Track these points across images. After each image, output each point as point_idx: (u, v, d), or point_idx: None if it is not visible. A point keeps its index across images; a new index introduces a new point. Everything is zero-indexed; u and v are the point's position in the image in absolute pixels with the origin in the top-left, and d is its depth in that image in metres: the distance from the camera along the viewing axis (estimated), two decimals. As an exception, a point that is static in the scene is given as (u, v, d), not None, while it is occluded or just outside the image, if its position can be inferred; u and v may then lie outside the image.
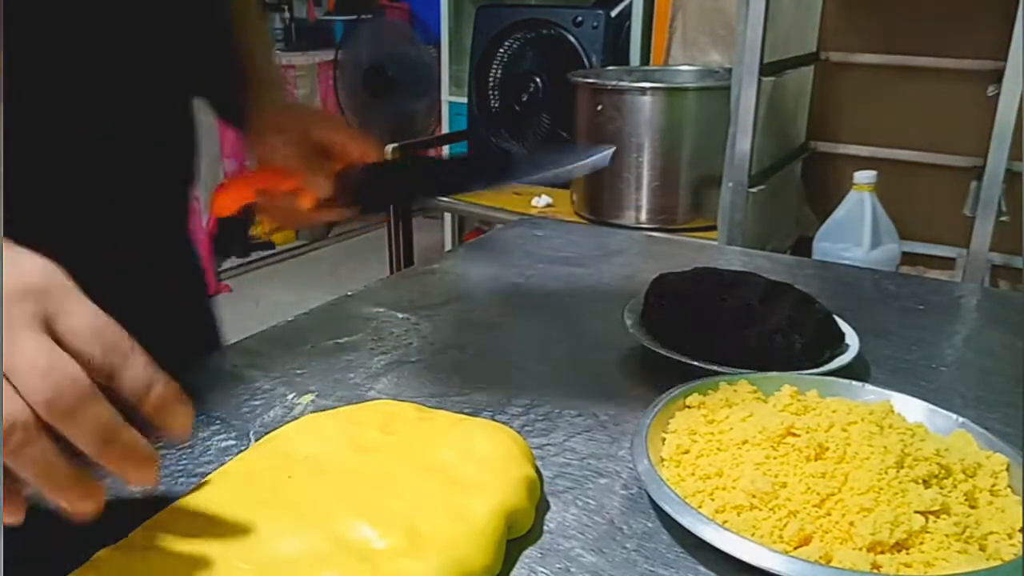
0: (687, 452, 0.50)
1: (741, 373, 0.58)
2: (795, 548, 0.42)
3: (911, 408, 0.53)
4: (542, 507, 0.47)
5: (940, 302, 0.82)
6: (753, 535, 0.42)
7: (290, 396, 0.60)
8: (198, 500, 0.44)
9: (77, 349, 0.34)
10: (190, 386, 0.55)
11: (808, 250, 1.64)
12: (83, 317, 0.34)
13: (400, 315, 0.75)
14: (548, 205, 1.88)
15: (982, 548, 0.42)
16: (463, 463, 0.47)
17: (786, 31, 1.57)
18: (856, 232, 1.53)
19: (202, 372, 0.64)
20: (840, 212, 1.57)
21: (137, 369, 0.35)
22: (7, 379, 0.32)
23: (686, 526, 0.43)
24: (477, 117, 2.15)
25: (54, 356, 0.33)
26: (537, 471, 0.49)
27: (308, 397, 0.59)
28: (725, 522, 0.43)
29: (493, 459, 0.47)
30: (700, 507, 0.45)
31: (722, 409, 0.53)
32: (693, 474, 0.48)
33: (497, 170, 0.68)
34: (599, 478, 0.50)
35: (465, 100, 2.24)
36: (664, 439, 0.51)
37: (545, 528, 0.46)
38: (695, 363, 0.62)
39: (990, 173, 1.36)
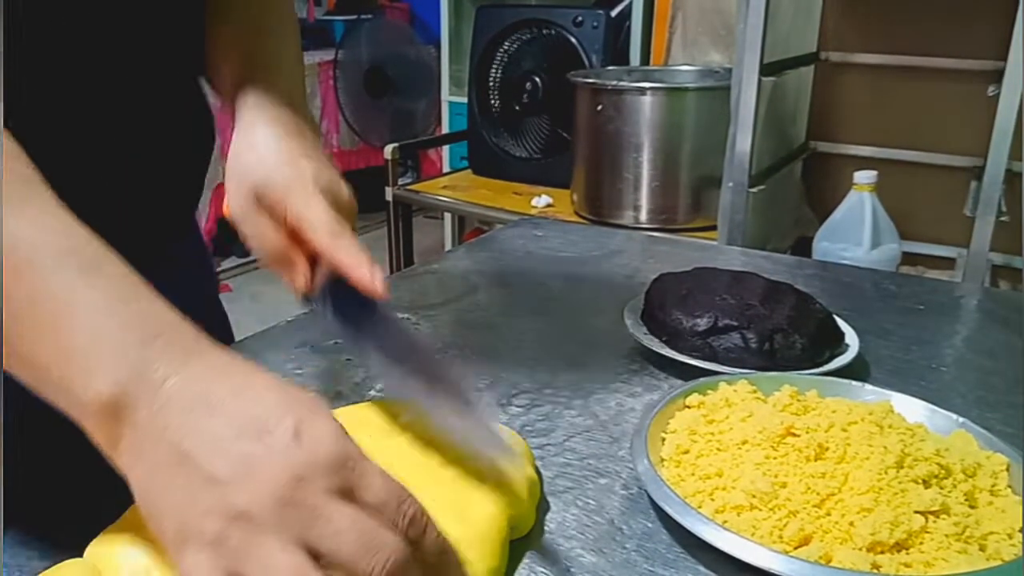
0: (687, 452, 0.50)
1: (741, 373, 0.58)
2: (795, 548, 0.42)
3: (911, 408, 0.53)
4: (542, 507, 0.47)
5: (940, 302, 0.82)
6: (753, 535, 0.42)
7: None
8: None
9: (383, 518, 0.33)
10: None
11: (808, 250, 1.64)
12: (381, 485, 0.34)
13: (400, 315, 0.75)
14: (548, 205, 1.88)
15: (982, 548, 0.42)
16: (464, 465, 0.46)
17: (786, 31, 1.57)
18: (856, 232, 1.53)
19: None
20: (840, 212, 1.57)
21: (432, 536, 0.35)
22: (323, 558, 0.31)
23: (686, 526, 0.43)
24: (477, 117, 2.15)
25: (371, 527, 0.32)
26: (537, 471, 0.49)
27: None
28: (725, 522, 0.43)
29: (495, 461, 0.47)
30: (700, 507, 0.45)
31: (722, 409, 0.53)
32: (693, 474, 0.48)
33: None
34: (599, 478, 0.50)
35: (465, 100, 2.24)
36: (664, 439, 0.51)
37: (545, 528, 0.46)
38: (695, 363, 0.62)
39: (990, 173, 1.36)
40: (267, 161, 0.52)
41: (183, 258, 0.69)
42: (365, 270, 0.46)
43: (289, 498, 0.31)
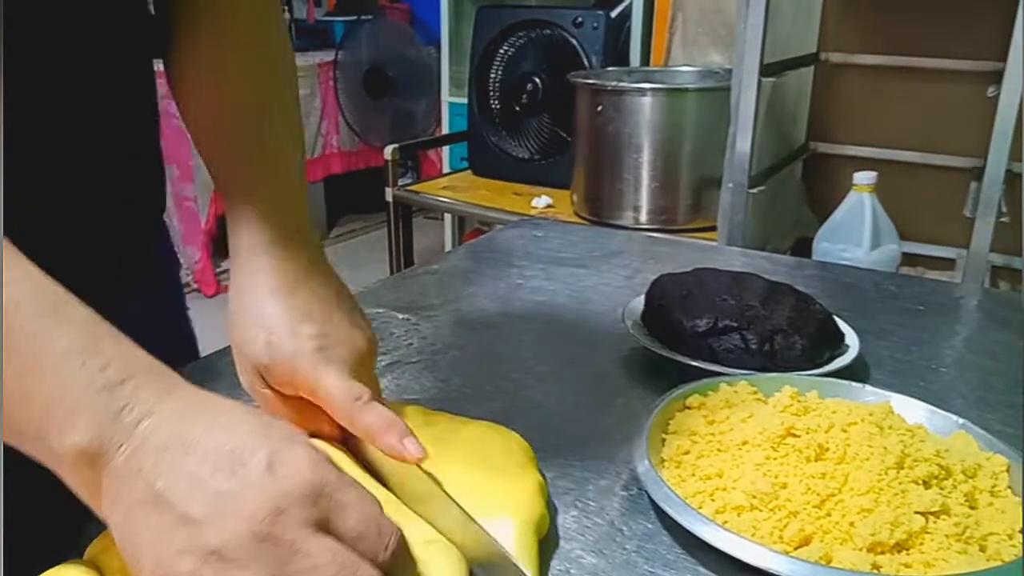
0: (687, 453, 0.50)
1: (741, 374, 0.58)
2: (795, 548, 0.42)
3: (911, 409, 0.53)
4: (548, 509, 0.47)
5: (940, 303, 0.82)
6: (753, 536, 0.42)
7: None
8: None
9: (361, 549, 0.33)
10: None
11: (808, 250, 1.64)
12: (359, 515, 0.34)
13: (400, 315, 0.75)
14: (548, 205, 1.88)
15: (982, 549, 0.42)
16: (478, 472, 0.46)
17: (786, 31, 1.57)
18: (856, 233, 1.53)
19: (203, 373, 0.64)
20: (840, 213, 1.57)
21: (410, 567, 0.36)
22: None
23: (686, 527, 0.43)
24: (477, 117, 2.15)
25: (350, 560, 0.32)
26: (542, 474, 0.49)
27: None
28: (725, 523, 0.43)
29: (508, 467, 0.47)
30: (700, 508, 0.45)
31: (722, 410, 0.53)
32: (693, 475, 0.48)
33: None
34: (599, 479, 0.50)
35: (465, 100, 2.24)
36: (664, 440, 0.51)
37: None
38: (695, 363, 0.62)
39: (990, 173, 1.36)
40: (267, 336, 0.46)
41: (150, 274, 0.65)
42: (393, 437, 0.42)
43: (266, 534, 0.31)
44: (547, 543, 0.45)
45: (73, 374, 0.33)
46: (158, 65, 0.59)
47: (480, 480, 0.45)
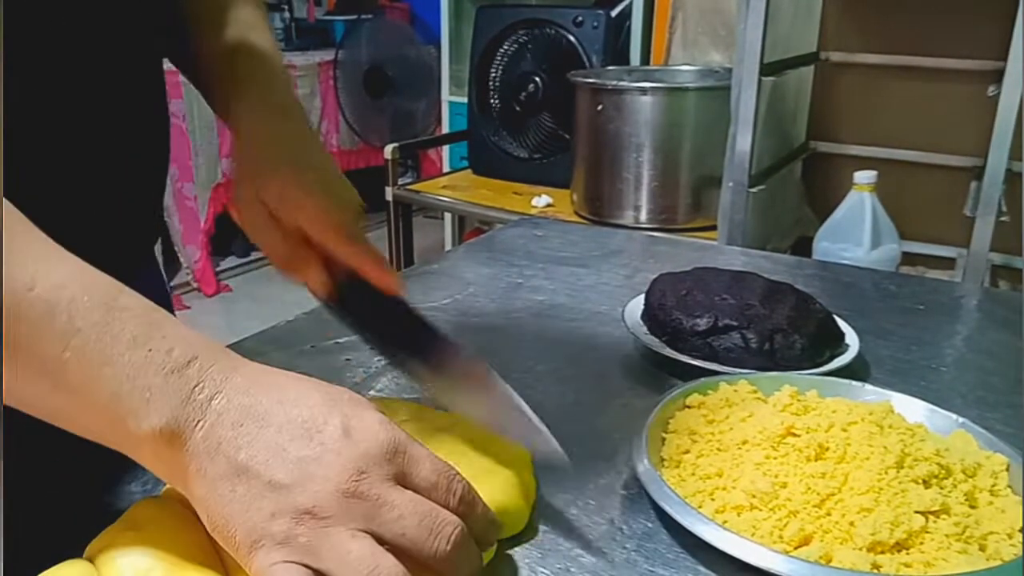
0: (687, 452, 0.50)
1: (741, 373, 0.58)
2: (795, 548, 0.42)
3: (911, 408, 0.53)
4: (542, 508, 0.47)
5: (940, 302, 0.82)
6: (753, 535, 0.42)
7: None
8: None
9: (435, 497, 0.36)
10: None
11: (808, 250, 1.64)
12: (431, 468, 0.37)
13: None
14: (548, 205, 1.88)
15: (982, 548, 0.42)
16: (456, 463, 0.47)
17: (786, 31, 1.57)
18: (856, 232, 1.53)
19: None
20: (840, 212, 1.56)
21: (480, 509, 0.39)
22: (387, 543, 0.34)
23: (686, 526, 0.43)
24: (477, 117, 2.15)
25: (429, 508, 0.35)
26: (535, 477, 0.49)
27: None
28: (725, 522, 0.43)
29: (483, 460, 0.47)
30: (700, 507, 0.45)
31: (722, 409, 0.53)
32: (693, 474, 0.48)
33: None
34: (599, 478, 0.50)
35: (465, 100, 2.24)
36: (664, 439, 0.51)
37: (545, 528, 0.46)
38: (695, 363, 0.62)
39: (990, 173, 1.36)
40: (271, 173, 0.51)
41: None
42: (381, 269, 0.50)
43: (352, 491, 0.34)
44: (537, 540, 0.45)
45: (141, 360, 0.34)
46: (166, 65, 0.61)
47: (472, 462, 0.47)
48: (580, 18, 1.97)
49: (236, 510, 0.34)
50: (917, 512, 0.42)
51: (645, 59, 2.02)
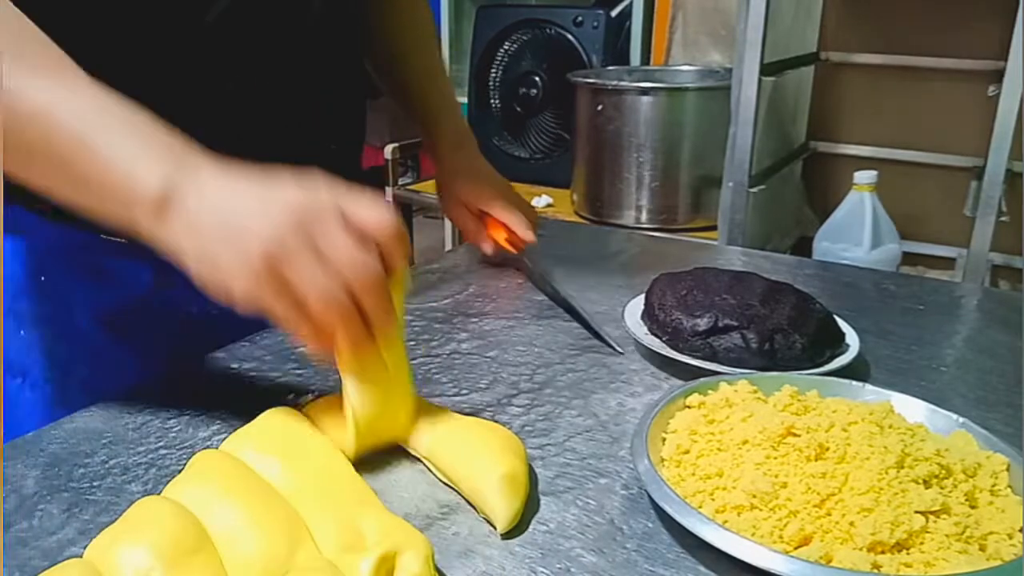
0: (687, 452, 0.49)
1: (741, 373, 0.58)
2: (795, 548, 0.42)
3: (911, 408, 0.53)
4: (542, 508, 0.47)
5: (940, 302, 0.82)
6: (753, 535, 0.42)
7: (290, 396, 0.60)
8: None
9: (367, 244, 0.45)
10: (191, 387, 0.55)
11: (808, 250, 1.64)
12: (366, 218, 0.46)
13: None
14: (548, 205, 1.88)
15: (982, 548, 0.42)
16: (465, 449, 0.49)
17: (786, 31, 1.57)
18: (856, 232, 1.53)
19: (203, 373, 0.64)
20: (840, 212, 1.56)
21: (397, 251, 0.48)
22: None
23: (686, 526, 0.43)
24: (477, 117, 2.15)
25: (357, 252, 0.44)
26: (531, 470, 0.49)
27: (308, 397, 0.59)
28: (725, 522, 0.43)
29: (493, 446, 0.49)
30: (700, 507, 0.45)
31: (722, 409, 0.53)
32: (693, 474, 0.48)
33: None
34: (599, 478, 0.50)
35: (465, 100, 2.24)
36: (664, 439, 0.51)
37: (545, 528, 0.46)
38: (695, 363, 0.62)
39: (990, 173, 1.36)
40: (464, 182, 0.87)
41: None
42: (524, 232, 0.84)
43: (301, 222, 0.43)
44: (536, 539, 0.45)
45: (131, 133, 0.44)
46: None
47: (465, 454, 0.49)
48: (580, 18, 1.96)
49: (224, 254, 0.43)
50: (917, 512, 0.42)
51: (645, 59, 2.01)
